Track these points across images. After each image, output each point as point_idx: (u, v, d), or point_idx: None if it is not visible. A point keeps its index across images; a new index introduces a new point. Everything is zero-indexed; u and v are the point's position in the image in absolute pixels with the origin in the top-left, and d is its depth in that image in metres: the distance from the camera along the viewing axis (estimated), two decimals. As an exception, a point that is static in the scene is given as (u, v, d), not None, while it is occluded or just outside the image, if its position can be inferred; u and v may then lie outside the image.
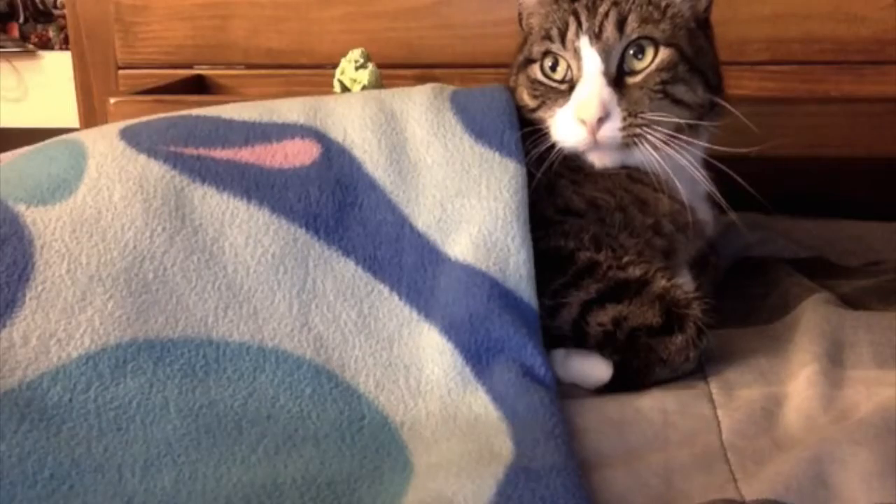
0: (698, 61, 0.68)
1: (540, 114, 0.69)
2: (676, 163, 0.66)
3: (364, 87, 0.97)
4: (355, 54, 0.99)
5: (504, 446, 0.52)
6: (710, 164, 0.71)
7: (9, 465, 0.49)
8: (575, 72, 0.68)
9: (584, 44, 0.67)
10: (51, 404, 0.52)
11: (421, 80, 0.76)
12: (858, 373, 0.59)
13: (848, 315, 0.67)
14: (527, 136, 0.67)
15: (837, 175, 0.99)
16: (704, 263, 0.74)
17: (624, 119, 0.65)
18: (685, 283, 0.68)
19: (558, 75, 0.69)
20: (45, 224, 0.58)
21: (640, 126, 0.65)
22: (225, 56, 1.14)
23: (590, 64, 0.66)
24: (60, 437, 0.51)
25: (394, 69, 1.04)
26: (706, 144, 0.71)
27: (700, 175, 0.68)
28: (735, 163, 0.69)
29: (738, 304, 0.73)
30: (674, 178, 0.66)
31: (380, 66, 0.99)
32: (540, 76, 0.70)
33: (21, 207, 0.59)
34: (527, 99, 0.71)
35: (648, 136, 0.65)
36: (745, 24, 1.03)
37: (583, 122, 0.65)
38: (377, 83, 0.97)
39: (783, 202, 0.94)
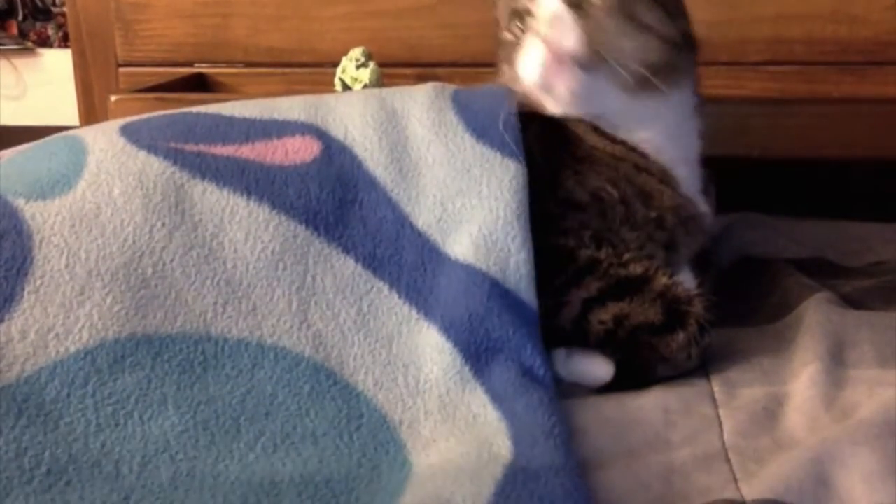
0: None
1: (513, 73, 0.68)
2: (668, 130, 0.66)
3: (365, 86, 0.97)
4: (356, 53, 0.99)
5: (503, 446, 0.52)
6: (710, 163, 0.71)
7: (6, 460, 0.48)
8: (535, 11, 0.66)
9: None
10: (48, 399, 0.52)
11: (422, 79, 0.76)
12: (860, 372, 0.59)
13: (850, 314, 0.67)
14: (528, 127, 0.67)
15: (839, 176, 0.99)
16: (706, 260, 0.74)
17: (586, 32, 0.64)
18: (686, 280, 0.68)
19: (525, 31, 0.67)
20: (45, 218, 0.58)
21: (605, 45, 0.64)
22: (226, 54, 1.14)
23: None
24: (58, 433, 0.50)
25: (395, 68, 1.04)
26: (690, 95, 0.70)
27: (698, 165, 0.69)
28: (737, 163, 0.69)
29: (740, 304, 0.73)
30: (675, 165, 0.66)
31: (381, 64, 0.99)
32: (508, 36, 0.69)
33: (20, 202, 0.58)
34: (506, 70, 0.70)
35: (618, 56, 0.64)
36: (746, 25, 1.03)
37: (542, 39, 0.64)
38: (378, 82, 0.97)
39: (785, 203, 0.94)
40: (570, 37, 0.64)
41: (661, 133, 0.67)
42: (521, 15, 0.68)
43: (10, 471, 0.48)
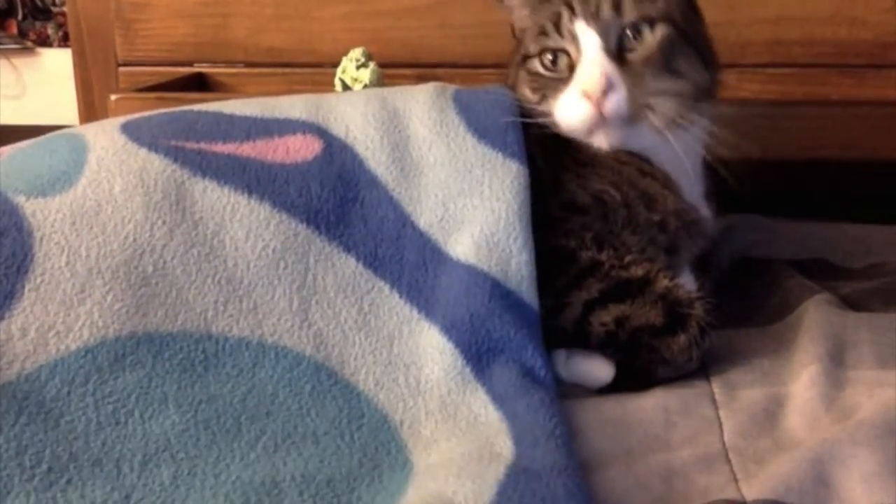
0: (693, 35, 0.69)
1: (543, 107, 0.69)
2: (680, 155, 0.66)
3: (365, 86, 0.97)
4: (357, 53, 0.99)
5: (504, 446, 0.52)
6: (711, 165, 0.71)
7: (6, 458, 0.48)
8: (574, 55, 0.67)
9: (581, 26, 0.66)
10: (49, 397, 0.51)
11: (422, 79, 0.76)
12: (860, 373, 0.59)
13: (850, 315, 0.67)
14: (530, 128, 0.67)
15: (838, 178, 0.99)
16: (706, 263, 0.74)
17: (629, 90, 0.65)
18: (687, 282, 0.68)
19: (559, 68, 0.68)
20: (45, 216, 0.57)
21: (645, 98, 0.65)
22: (226, 54, 1.14)
23: (588, 42, 0.66)
24: (58, 431, 0.50)
25: (395, 68, 1.04)
26: (707, 125, 0.71)
27: (701, 171, 0.69)
28: (737, 165, 0.69)
29: (740, 305, 0.73)
30: (678, 175, 0.66)
31: (381, 65, 0.99)
32: (540, 69, 0.69)
33: (20, 199, 0.58)
34: (528, 94, 0.70)
35: (656, 109, 0.65)
36: (745, 27, 1.03)
37: (587, 96, 0.65)
38: (379, 82, 0.97)
39: (784, 205, 0.95)
40: (618, 101, 0.64)
41: (674, 154, 0.67)
42: (555, 52, 0.68)
43: (10, 469, 0.48)
